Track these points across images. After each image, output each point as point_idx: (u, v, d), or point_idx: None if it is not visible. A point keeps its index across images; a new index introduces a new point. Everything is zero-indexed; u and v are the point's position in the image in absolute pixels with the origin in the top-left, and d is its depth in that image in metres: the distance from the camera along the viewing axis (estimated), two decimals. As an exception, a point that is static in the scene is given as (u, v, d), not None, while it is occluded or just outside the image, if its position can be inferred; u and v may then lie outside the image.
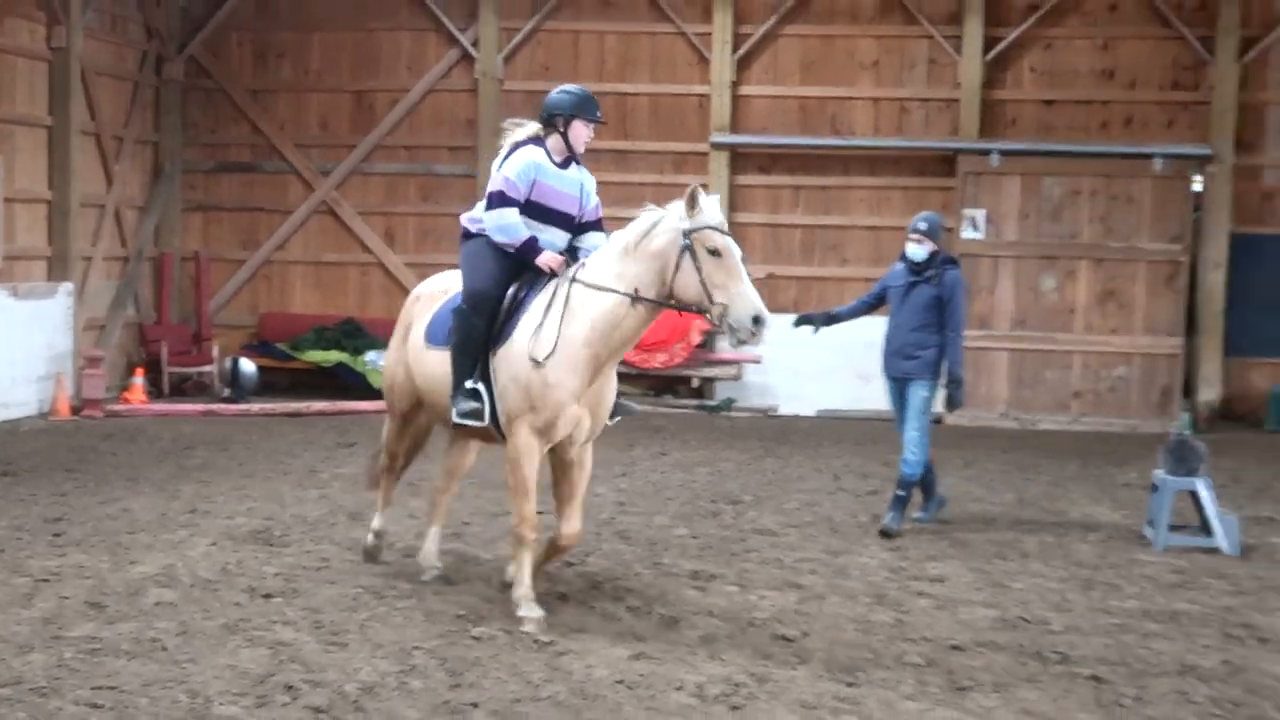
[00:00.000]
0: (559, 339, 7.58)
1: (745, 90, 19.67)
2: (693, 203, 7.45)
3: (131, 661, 6.73)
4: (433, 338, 8.23)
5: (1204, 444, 10.65)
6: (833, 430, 16.88)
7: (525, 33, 19.89)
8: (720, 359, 18.96)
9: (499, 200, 7.92)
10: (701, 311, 7.57)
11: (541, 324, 7.66)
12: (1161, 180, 18.16)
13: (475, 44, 19.98)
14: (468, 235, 8.19)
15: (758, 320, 7.29)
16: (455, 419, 7.79)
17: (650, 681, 6.64)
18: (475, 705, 6.24)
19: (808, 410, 18.53)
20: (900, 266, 10.79)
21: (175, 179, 20.47)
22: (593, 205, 8.30)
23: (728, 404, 18.78)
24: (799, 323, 10.95)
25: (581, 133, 8.13)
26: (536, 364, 7.55)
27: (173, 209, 20.54)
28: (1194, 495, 10.31)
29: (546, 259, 7.89)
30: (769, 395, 19.03)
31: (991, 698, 6.60)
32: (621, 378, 19.93)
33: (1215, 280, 18.63)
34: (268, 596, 8.07)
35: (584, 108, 8.15)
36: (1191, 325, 18.54)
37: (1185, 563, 9.71)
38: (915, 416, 10.56)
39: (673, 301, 7.59)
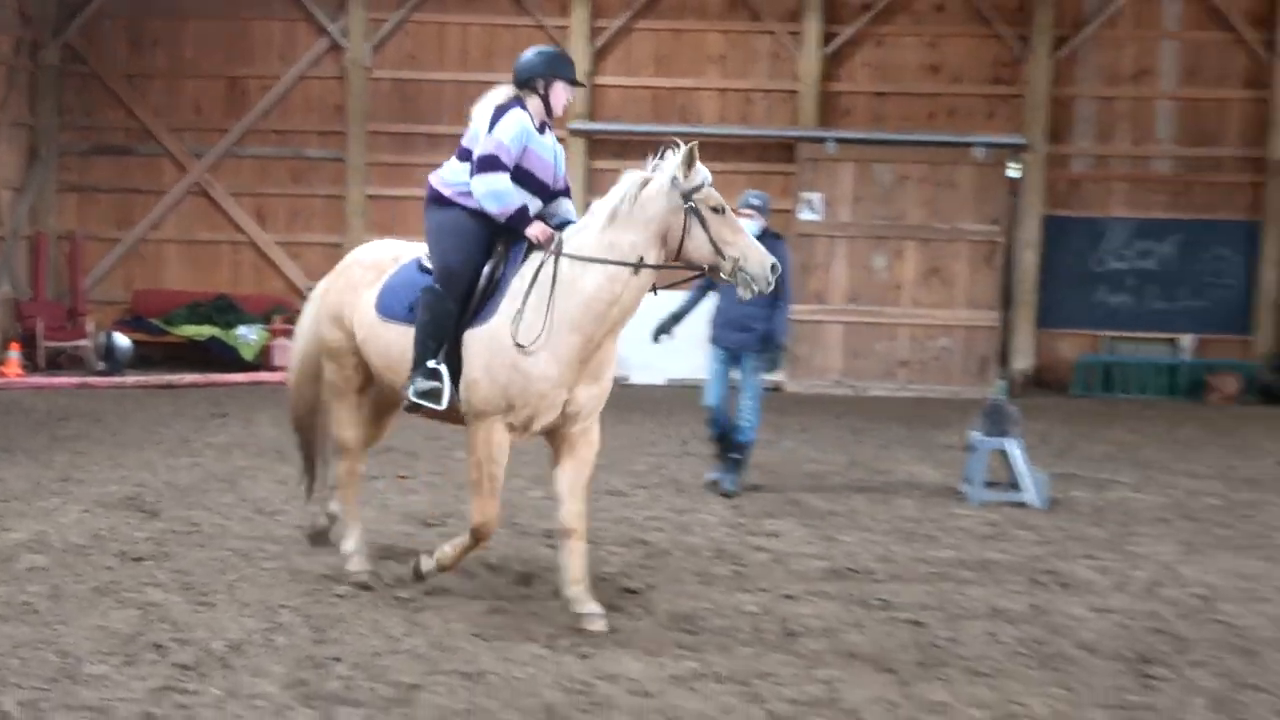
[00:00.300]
0: (546, 323, 6.65)
1: (601, 80, 19.69)
2: (690, 161, 6.68)
3: (3, 625, 6.54)
4: (387, 310, 7.12)
5: (1016, 408, 10.92)
6: (681, 398, 16.95)
7: (393, 24, 19.70)
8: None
9: (491, 164, 6.90)
10: (711, 270, 6.80)
11: (524, 305, 6.72)
12: (982, 167, 18.56)
13: (344, 34, 19.73)
14: (439, 200, 7.12)
15: (774, 268, 6.68)
16: (411, 399, 6.85)
17: (505, 634, 6.62)
18: (338, 659, 6.16)
19: (658, 379, 18.62)
20: None
21: (51, 162, 19.97)
22: (563, 173, 7.42)
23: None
24: (656, 336, 10.52)
25: (562, 95, 7.19)
26: (521, 349, 6.63)
27: (48, 190, 20.04)
28: (1006, 454, 10.56)
29: (538, 230, 6.90)
30: (621, 366, 18.99)
31: (820, 641, 6.69)
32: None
33: (1029, 259, 19.14)
34: (138, 560, 7.89)
35: (564, 69, 7.19)
36: (1007, 300, 19.00)
37: (998, 516, 9.95)
38: (750, 386, 10.52)
39: (677, 264, 6.86)
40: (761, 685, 5.94)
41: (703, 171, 6.73)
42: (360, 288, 7.35)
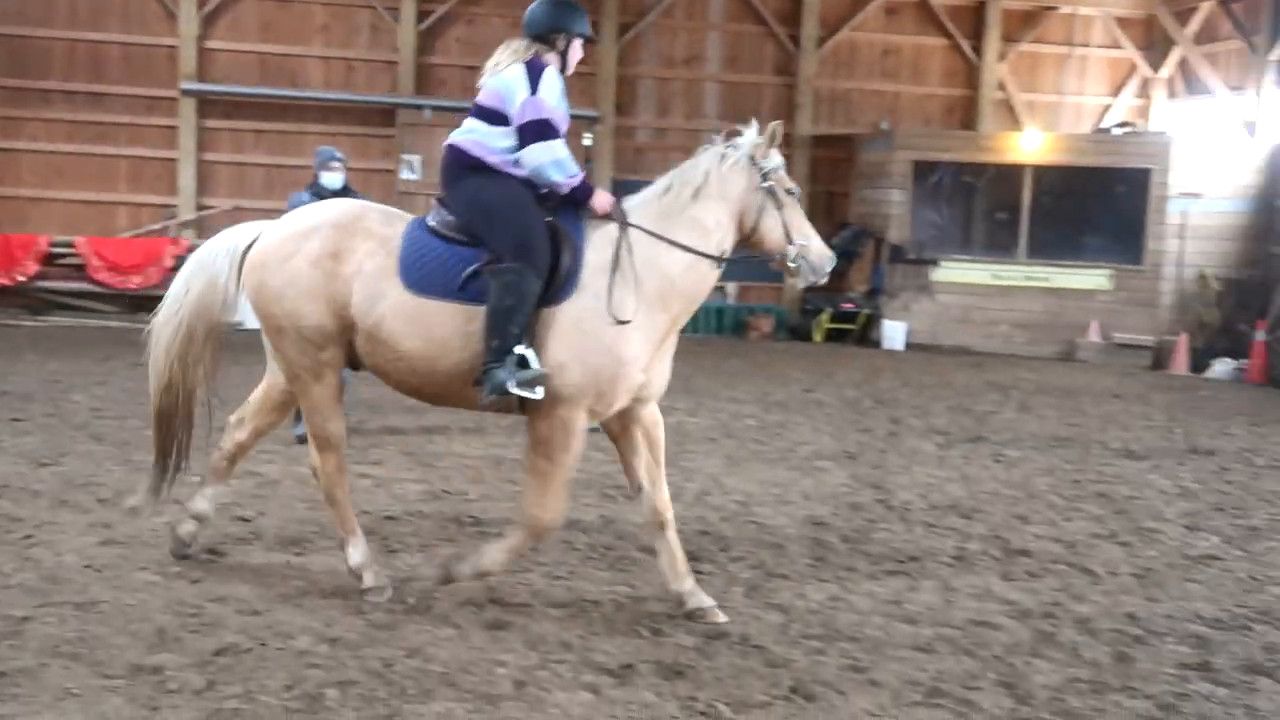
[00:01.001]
0: (638, 301, 5.58)
1: (211, 44, 18.61)
2: (773, 140, 5.83)
3: None
4: (424, 285, 5.57)
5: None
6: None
7: (-3, -21, 17.90)
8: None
9: (546, 131, 5.60)
10: (773, 255, 5.90)
11: (611, 281, 5.56)
12: (560, 135, 18.73)
13: (-54, -13, 17.81)
14: (481, 168, 5.68)
15: (831, 259, 5.96)
16: (512, 390, 5.38)
17: (117, 565, 6.21)
18: (-56, 598, 5.62)
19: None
20: (305, 195, 9.54)
21: None
22: None
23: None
24: None
25: (578, 53, 5.99)
26: (619, 329, 5.51)
27: None
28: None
29: (603, 201, 5.72)
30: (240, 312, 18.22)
31: (417, 556, 6.63)
32: (97, 297, 18.33)
33: (601, 217, 19.55)
34: None
35: (584, 24, 5.98)
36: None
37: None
38: None
39: (745, 248, 5.93)
40: (363, 599, 5.82)
41: (776, 154, 5.89)
42: (358, 259, 5.64)
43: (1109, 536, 7.83)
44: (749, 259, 6.11)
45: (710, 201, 5.78)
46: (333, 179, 9.86)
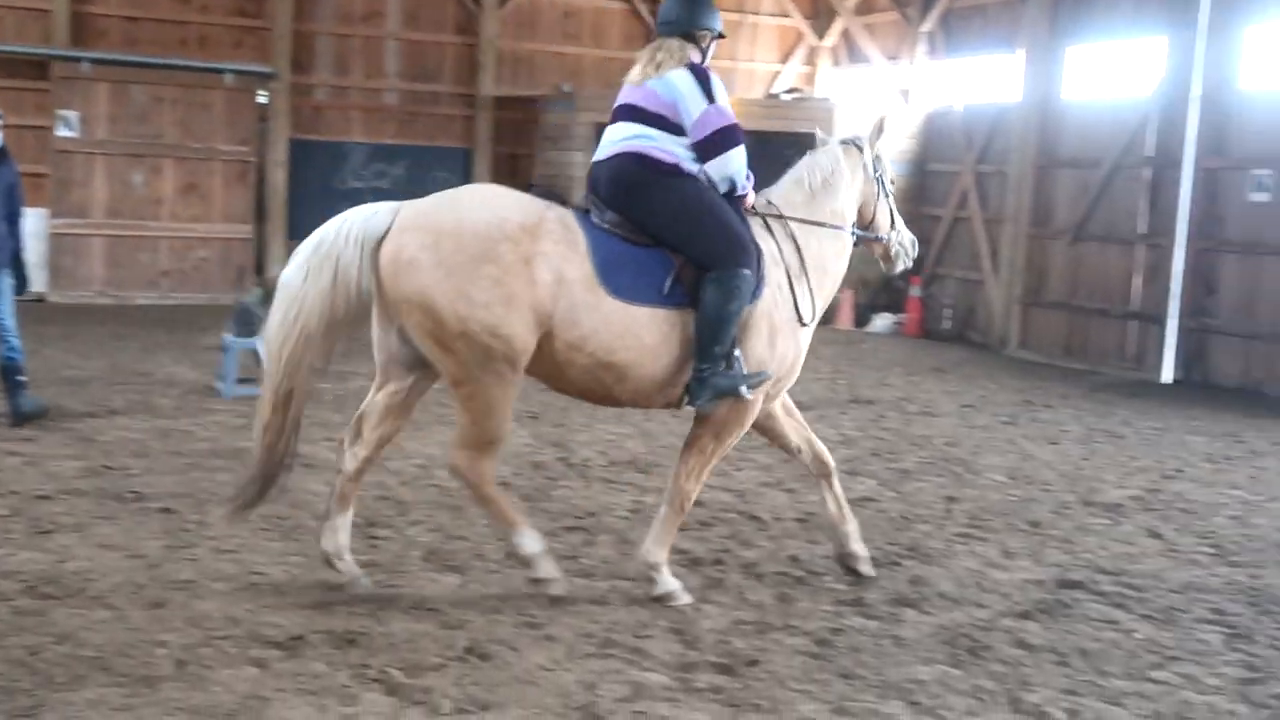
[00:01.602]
0: (812, 294, 5.81)
1: None
2: (880, 131, 6.19)
3: None
4: (628, 292, 5.35)
5: (263, 310, 10.68)
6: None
7: None
8: None
9: (737, 137, 5.61)
10: (873, 240, 6.33)
11: (786, 275, 5.72)
12: (232, 92, 17.93)
13: None
14: (679, 173, 5.54)
15: (916, 245, 6.45)
16: (744, 394, 5.48)
17: None
18: None
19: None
20: None
21: None
22: None
23: None
24: None
25: (712, 51, 5.90)
26: (803, 323, 5.75)
27: None
28: (256, 353, 10.37)
29: (751, 196, 5.85)
30: None
31: (71, 537, 6.24)
32: None
33: (279, 178, 18.87)
34: None
35: (721, 21, 5.91)
36: (261, 215, 18.65)
37: (249, 408, 9.50)
38: (8, 305, 9.03)
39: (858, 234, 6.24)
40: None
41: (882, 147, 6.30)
42: (555, 264, 5.25)
43: (776, 485, 8.20)
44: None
45: (842, 190, 6.04)
46: None
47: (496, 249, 5.17)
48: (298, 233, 19.05)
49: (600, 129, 6.10)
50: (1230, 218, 14.33)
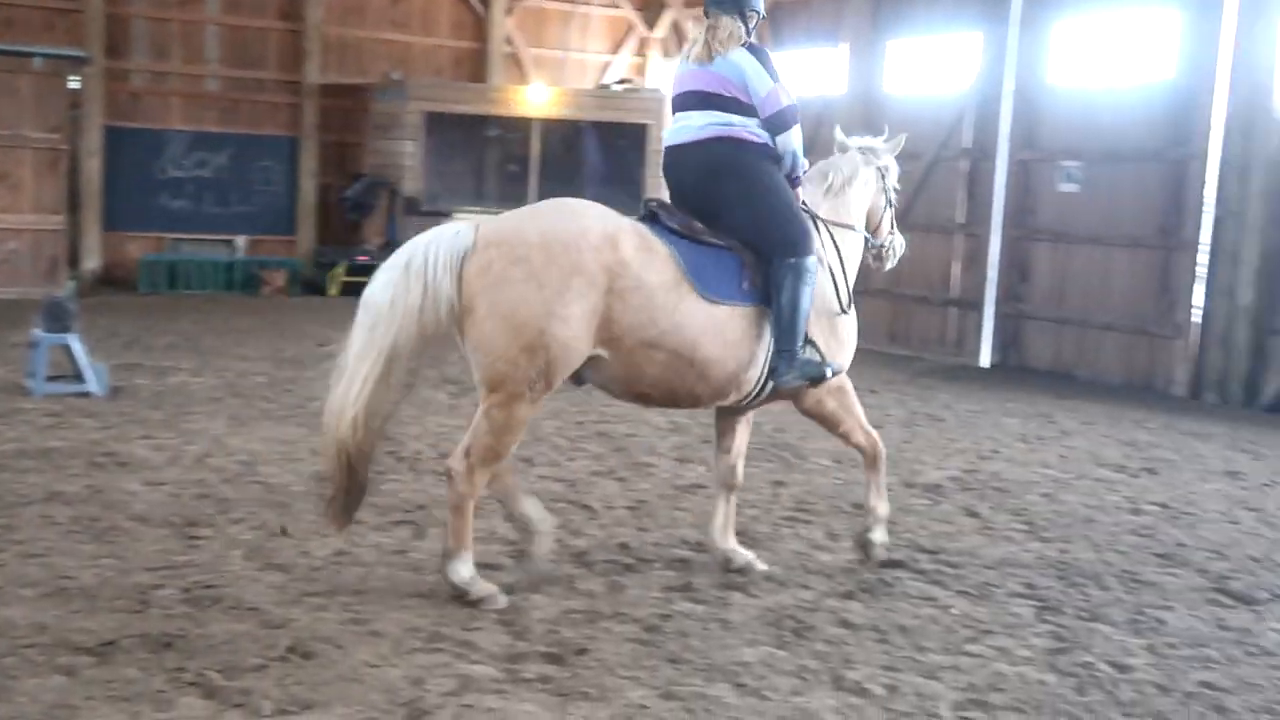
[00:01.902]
0: (847, 285, 6.13)
1: None
2: (898, 148, 6.62)
3: None
4: (719, 291, 5.59)
5: (75, 304, 10.32)
6: None
7: None
8: None
9: (798, 115, 5.88)
10: (878, 242, 6.64)
11: (829, 267, 6.02)
12: (41, 77, 17.13)
13: None
14: (766, 155, 5.83)
15: (904, 247, 6.83)
16: (830, 379, 5.90)
17: None
18: None
19: None
20: None
21: None
22: None
23: None
24: None
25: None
26: (844, 312, 6.04)
27: None
28: (68, 348, 9.98)
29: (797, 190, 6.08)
30: None
31: None
32: None
33: (93, 166, 18.18)
34: None
35: (762, 2, 6.04)
36: (74, 205, 17.91)
37: (60, 406, 9.38)
38: None
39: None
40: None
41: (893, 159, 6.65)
42: (635, 272, 5.36)
43: (608, 473, 8.23)
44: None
45: (859, 192, 6.40)
46: None
47: (583, 259, 5.24)
48: (116, 223, 18.43)
49: (430, 117, 6.12)
50: (1041, 208, 14.92)
